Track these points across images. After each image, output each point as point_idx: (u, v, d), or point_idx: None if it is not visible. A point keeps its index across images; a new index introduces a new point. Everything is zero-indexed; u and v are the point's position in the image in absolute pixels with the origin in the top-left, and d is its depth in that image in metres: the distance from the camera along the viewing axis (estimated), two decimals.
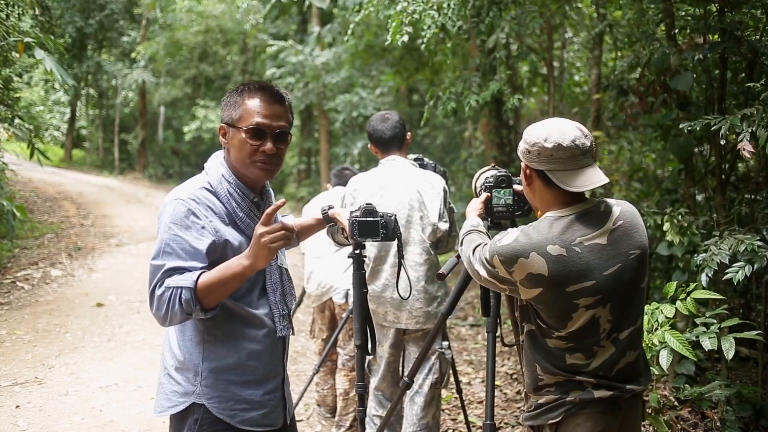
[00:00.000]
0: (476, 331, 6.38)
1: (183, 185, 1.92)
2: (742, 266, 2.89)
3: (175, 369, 1.92)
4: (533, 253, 1.84)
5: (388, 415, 2.89)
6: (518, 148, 1.98)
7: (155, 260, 1.79)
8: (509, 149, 8.89)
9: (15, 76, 8.37)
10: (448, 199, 3.21)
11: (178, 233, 1.79)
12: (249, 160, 1.89)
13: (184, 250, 1.78)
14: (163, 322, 1.80)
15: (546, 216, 1.93)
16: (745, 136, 2.85)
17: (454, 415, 4.31)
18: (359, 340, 2.36)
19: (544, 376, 1.96)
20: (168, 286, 1.75)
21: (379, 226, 2.23)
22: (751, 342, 3.81)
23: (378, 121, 3.30)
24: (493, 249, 1.92)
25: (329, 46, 13.41)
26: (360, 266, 2.35)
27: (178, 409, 1.89)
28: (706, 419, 3.66)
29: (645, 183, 6.37)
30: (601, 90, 6.77)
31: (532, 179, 1.97)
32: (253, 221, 1.92)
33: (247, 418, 1.91)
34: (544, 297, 1.87)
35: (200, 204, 1.84)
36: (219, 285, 1.76)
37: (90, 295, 6.91)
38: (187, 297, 1.73)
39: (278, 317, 1.97)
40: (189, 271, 1.77)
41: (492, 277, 1.96)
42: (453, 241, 3.24)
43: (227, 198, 1.90)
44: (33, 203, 12.29)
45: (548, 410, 1.96)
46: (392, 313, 3.15)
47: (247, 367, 1.92)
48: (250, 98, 1.90)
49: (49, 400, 4.26)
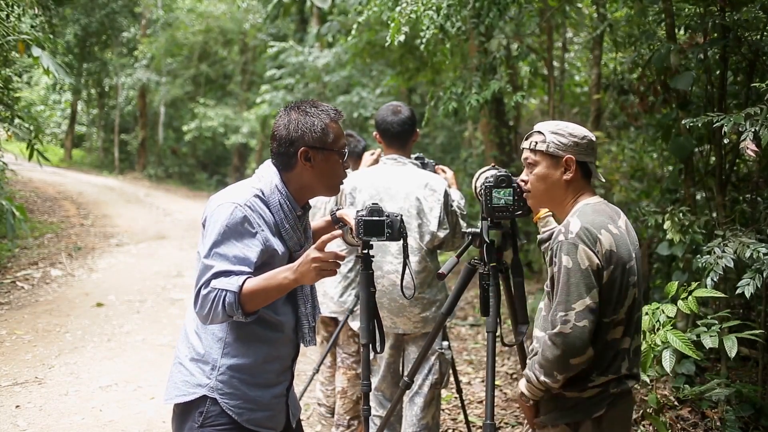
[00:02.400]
0: (476, 331, 6.38)
1: (235, 189, 1.99)
2: (751, 277, 2.86)
3: (190, 359, 1.97)
4: (603, 230, 1.96)
5: (388, 414, 2.88)
6: (556, 142, 2.05)
7: (207, 259, 1.85)
8: (509, 149, 8.88)
9: (15, 76, 8.37)
10: (450, 203, 3.15)
11: (232, 238, 1.86)
12: (339, 180, 2.05)
13: (235, 256, 1.85)
14: (205, 320, 1.87)
15: (585, 203, 2.05)
16: (748, 135, 2.84)
17: (454, 414, 4.31)
18: (366, 339, 2.36)
19: (596, 377, 1.98)
20: (214, 287, 1.81)
21: (384, 226, 2.24)
22: (751, 341, 3.80)
23: (388, 112, 3.22)
24: (572, 243, 1.93)
25: (329, 46, 13.40)
26: (368, 266, 2.36)
27: (187, 399, 1.93)
28: (706, 419, 3.66)
29: (645, 183, 6.36)
30: (601, 90, 6.77)
31: (574, 170, 2.06)
32: (296, 233, 2.01)
33: (253, 418, 1.96)
34: (614, 275, 1.95)
35: (254, 212, 1.91)
36: (263, 292, 1.83)
37: (90, 295, 6.91)
38: (231, 300, 1.80)
39: (307, 329, 2.06)
40: (236, 275, 1.83)
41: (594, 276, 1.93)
42: (458, 242, 3.19)
43: (277, 209, 1.97)
44: (33, 203, 12.29)
45: (592, 404, 1.99)
46: (390, 319, 3.13)
47: (263, 369, 1.98)
48: (335, 124, 2.02)
49: (49, 399, 4.26)
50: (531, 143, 2.10)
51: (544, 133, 2.08)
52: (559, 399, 2.03)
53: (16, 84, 8.89)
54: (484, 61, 5.64)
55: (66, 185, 15.54)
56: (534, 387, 2.02)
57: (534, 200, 2.15)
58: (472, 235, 2.51)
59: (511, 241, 2.48)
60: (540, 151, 2.08)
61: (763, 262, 2.83)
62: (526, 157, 2.13)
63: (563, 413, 2.02)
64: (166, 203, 15.23)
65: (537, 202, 2.15)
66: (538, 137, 2.09)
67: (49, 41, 5.67)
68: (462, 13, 4.62)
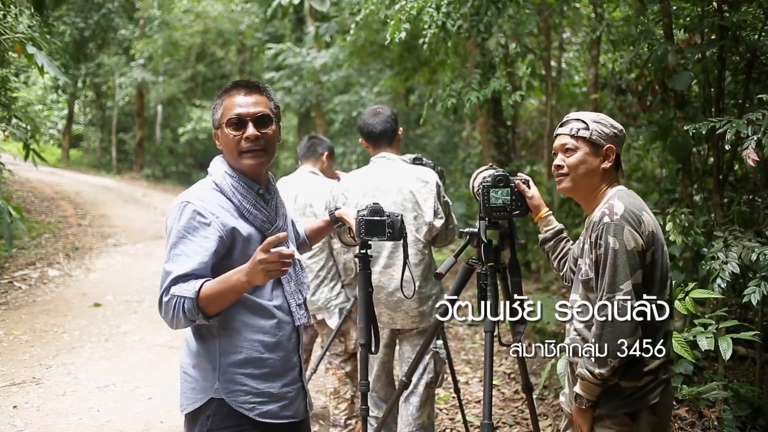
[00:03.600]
0: (474, 331, 6.38)
1: (190, 189, 2.00)
2: (757, 284, 2.86)
3: (192, 367, 1.96)
4: (644, 212, 2.03)
5: (385, 415, 2.89)
6: (599, 131, 2.11)
7: (166, 265, 1.87)
8: (507, 149, 8.89)
9: (12, 76, 8.35)
10: (442, 193, 3.18)
11: (187, 236, 1.87)
12: (237, 152, 1.97)
13: (192, 253, 1.85)
14: (171, 326, 1.88)
15: (618, 189, 2.11)
16: (751, 143, 2.83)
17: (452, 414, 4.31)
18: (364, 339, 2.36)
19: (649, 360, 2.01)
20: (173, 294, 1.82)
21: (385, 225, 2.25)
22: (749, 341, 3.81)
23: (369, 115, 3.28)
24: (618, 224, 1.96)
25: (326, 46, 13.40)
26: (366, 266, 2.36)
27: (197, 406, 1.92)
28: (703, 418, 3.66)
29: (644, 182, 6.37)
30: (599, 90, 6.77)
31: (612, 160, 2.12)
32: (261, 212, 1.98)
33: (266, 411, 1.94)
34: (656, 255, 2.01)
35: (206, 202, 1.92)
36: (219, 296, 1.83)
37: (87, 295, 6.90)
38: (189, 306, 1.81)
39: (295, 306, 2.03)
40: (195, 278, 1.83)
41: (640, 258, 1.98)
42: (451, 234, 3.22)
43: (232, 192, 1.96)
44: (30, 203, 12.26)
45: (648, 392, 2.03)
46: (387, 314, 3.14)
47: (264, 360, 1.95)
48: (227, 97, 2.01)
49: (46, 400, 4.25)
50: (572, 129, 2.12)
51: (585, 121, 2.12)
52: (616, 389, 2.04)
53: (13, 84, 8.87)
54: (484, 60, 5.65)
55: (63, 185, 15.51)
56: (591, 384, 2.01)
57: (571, 183, 2.14)
58: (469, 234, 2.51)
59: (508, 241, 2.49)
60: (582, 138, 2.11)
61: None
62: (564, 143, 2.13)
63: (621, 402, 2.03)
64: (163, 203, 15.19)
65: (573, 185, 2.14)
66: (578, 124, 2.12)
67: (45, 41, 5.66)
68: (462, 10, 4.61)
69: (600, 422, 2.07)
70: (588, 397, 2.05)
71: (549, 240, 2.41)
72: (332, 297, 3.73)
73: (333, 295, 3.72)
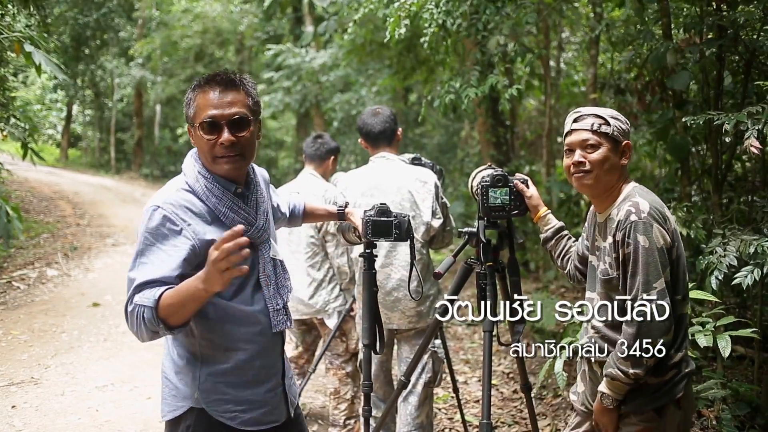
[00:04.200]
0: (473, 330, 6.38)
1: (161, 190, 1.87)
2: (750, 270, 2.87)
3: (174, 373, 1.89)
4: (665, 208, 2.04)
5: (384, 415, 2.89)
6: (619, 127, 2.09)
7: (130, 272, 1.75)
8: (506, 148, 8.89)
9: (10, 76, 8.34)
10: (441, 194, 3.19)
11: (156, 243, 1.75)
12: (211, 156, 1.82)
13: (159, 261, 1.73)
14: (138, 337, 1.76)
15: (634, 185, 2.11)
16: (753, 133, 2.85)
17: (451, 414, 4.31)
18: (367, 339, 2.36)
19: (673, 354, 2.01)
20: (135, 303, 1.70)
21: (392, 226, 2.24)
22: (747, 340, 3.81)
23: (369, 116, 3.27)
24: (647, 222, 1.96)
25: (324, 46, 13.40)
26: (371, 265, 2.35)
27: (177, 414, 1.85)
28: (702, 417, 3.67)
29: (642, 182, 6.37)
30: (598, 89, 6.78)
31: (629, 156, 2.13)
32: (238, 215, 1.84)
33: (248, 419, 1.87)
34: (679, 251, 2.02)
35: (177, 207, 1.78)
36: (179, 305, 1.67)
37: (86, 294, 6.89)
38: (149, 316, 1.67)
39: (273, 312, 1.90)
40: (158, 285, 1.70)
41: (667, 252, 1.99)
42: (449, 236, 3.22)
43: (206, 195, 1.82)
44: (29, 203, 12.25)
45: (673, 386, 2.03)
46: (383, 314, 3.12)
47: (247, 368, 1.87)
48: (201, 92, 1.83)
49: (45, 400, 4.24)
50: (592, 125, 2.08)
51: (604, 116, 2.09)
52: (643, 386, 2.02)
53: (11, 83, 8.86)
54: (482, 58, 5.64)
55: (62, 185, 15.49)
56: (622, 384, 1.99)
57: (594, 180, 2.09)
58: (468, 234, 2.51)
59: (507, 241, 2.49)
60: (604, 134, 2.08)
61: (766, 256, 2.84)
62: (585, 138, 2.08)
63: (649, 398, 2.03)
64: None
65: (596, 182, 2.10)
66: (597, 120, 2.09)
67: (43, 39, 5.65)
68: (462, 8, 4.61)
69: (625, 419, 2.06)
70: (616, 396, 2.02)
71: (550, 239, 2.41)
72: (330, 300, 3.71)
73: (332, 298, 3.71)
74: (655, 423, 2.03)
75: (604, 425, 2.08)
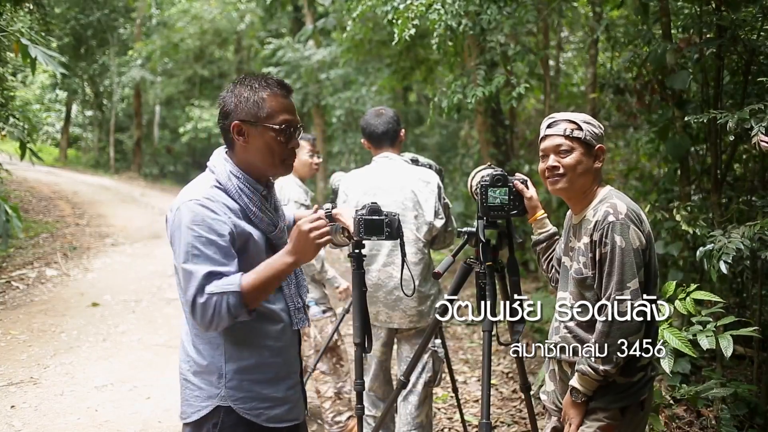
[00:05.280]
0: (472, 330, 6.38)
1: (192, 186, 1.88)
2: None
3: (193, 373, 1.88)
4: (641, 211, 2.08)
5: (383, 414, 2.89)
6: (591, 131, 2.13)
7: (186, 264, 1.75)
8: (505, 148, 8.89)
9: (9, 75, 8.33)
10: (443, 195, 3.20)
11: (202, 233, 1.76)
12: (279, 159, 1.88)
13: (215, 252, 1.75)
14: (208, 328, 1.78)
15: (609, 189, 2.15)
16: (760, 129, 2.85)
17: (450, 413, 4.31)
18: (358, 338, 2.36)
19: (642, 357, 2.05)
20: (211, 293, 1.72)
21: (384, 225, 2.25)
22: (747, 340, 3.81)
23: (372, 116, 3.28)
24: (624, 223, 1.99)
25: (324, 44, 13.40)
26: (360, 265, 2.36)
27: (202, 414, 1.85)
28: (701, 417, 3.67)
29: (642, 182, 6.38)
30: (597, 89, 6.78)
31: (602, 159, 2.16)
32: (265, 215, 1.90)
33: (273, 416, 1.89)
34: (652, 253, 2.06)
35: (215, 202, 1.81)
36: (265, 285, 1.77)
37: (85, 294, 6.89)
38: (235, 302, 1.72)
39: (294, 310, 1.96)
40: (226, 275, 1.75)
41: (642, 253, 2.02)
42: (450, 237, 3.22)
43: (238, 194, 1.86)
44: (28, 203, 12.24)
45: (639, 388, 2.10)
46: (385, 313, 3.14)
47: (270, 364, 1.90)
48: (272, 96, 1.87)
49: (44, 400, 4.24)
50: (565, 130, 2.13)
51: (576, 122, 2.13)
52: (612, 384, 2.08)
53: (10, 83, 8.85)
54: (485, 58, 5.65)
55: (61, 185, 15.49)
56: (591, 380, 2.04)
57: (568, 184, 2.14)
58: (467, 234, 2.52)
59: (507, 241, 2.49)
60: (576, 138, 2.12)
61: None
62: (558, 143, 2.13)
63: (616, 397, 2.08)
64: (161, 203, 15.17)
65: (570, 186, 2.14)
66: (570, 125, 2.13)
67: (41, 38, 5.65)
68: (468, 7, 4.61)
69: (591, 414, 2.11)
70: (585, 391, 2.08)
71: (542, 242, 2.44)
72: None
73: None
74: (617, 421, 2.09)
75: (571, 417, 2.13)
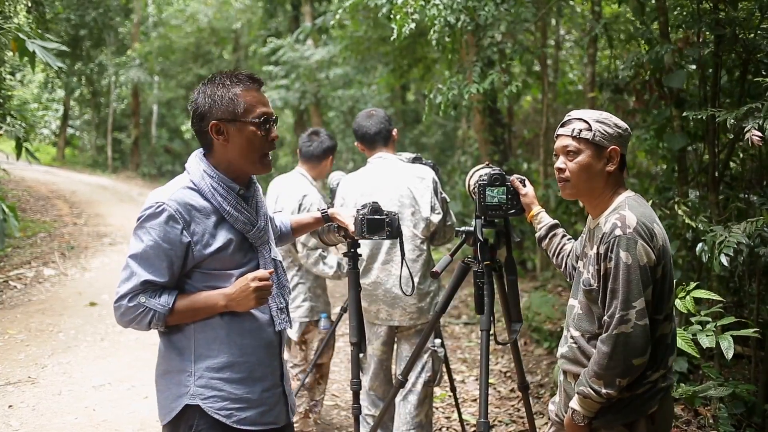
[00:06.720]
0: (470, 329, 6.38)
1: (165, 186, 1.88)
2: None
3: (162, 374, 1.89)
4: (654, 224, 1.93)
5: (382, 414, 2.89)
6: (602, 132, 1.99)
7: (132, 261, 1.79)
8: (503, 147, 8.91)
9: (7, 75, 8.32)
10: (440, 190, 3.20)
11: (156, 239, 1.77)
12: (259, 154, 1.87)
13: (161, 259, 1.78)
14: (125, 326, 1.85)
15: (627, 195, 2.01)
16: (754, 126, 2.86)
17: (448, 413, 4.31)
18: (355, 338, 2.37)
19: (650, 374, 1.93)
20: (141, 303, 1.78)
21: (385, 224, 2.28)
22: (745, 339, 3.82)
23: (363, 118, 3.30)
24: (631, 238, 1.86)
25: (322, 40, 13.40)
26: (355, 264, 2.37)
27: (173, 415, 1.83)
28: (699, 416, 3.68)
29: (639, 180, 6.39)
30: (596, 88, 6.78)
31: (617, 162, 2.02)
32: (242, 214, 1.86)
33: (244, 418, 1.84)
34: (666, 269, 1.93)
35: (181, 205, 1.79)
36: (192, 314, 1.83)
37: (83, 294, 6.88)
38: (157, 320, 1.80)
39: (276, 311, 1.94)
40: (163, 287, 1.80)
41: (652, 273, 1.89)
42: (450, 231, 3.22)
43: (211, 193, 1.83)
44: (26, 202, 12.22)
45: (646, 401, 1.94)
46: (385, 311, 3.14)
47: (242, 363, 1.86)
48: (246, 90, 1.85)
49: (42, 399, 4.24)
50: (573, 130, 2.01)
51: (588, 121, 2.01)
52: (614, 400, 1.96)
53: (8, 82, 8.83)
54: (482, 55, 5.65)
55: (59, 184, 15.46)
56: (594, 402, 1.92)
57: (573, 190, 2.05)
58: (465, 233, 2.52)
59: (504, 240, 2.49)
60: (585, 140, 2.00)
61: None
62: (566, 144, 2.03)
63: (619, 414, 1.95)
64: None
65: (576, 192, 2.05)
66: (580, 125, 2.01)
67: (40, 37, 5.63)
68: (467, 3, 4.61)
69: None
70: (586, 413, 1.95)
71: (544, 237, 2.41)
72: (292, 309, 3.56)
73: (293, 308, 3.58)
74: None
75: None
